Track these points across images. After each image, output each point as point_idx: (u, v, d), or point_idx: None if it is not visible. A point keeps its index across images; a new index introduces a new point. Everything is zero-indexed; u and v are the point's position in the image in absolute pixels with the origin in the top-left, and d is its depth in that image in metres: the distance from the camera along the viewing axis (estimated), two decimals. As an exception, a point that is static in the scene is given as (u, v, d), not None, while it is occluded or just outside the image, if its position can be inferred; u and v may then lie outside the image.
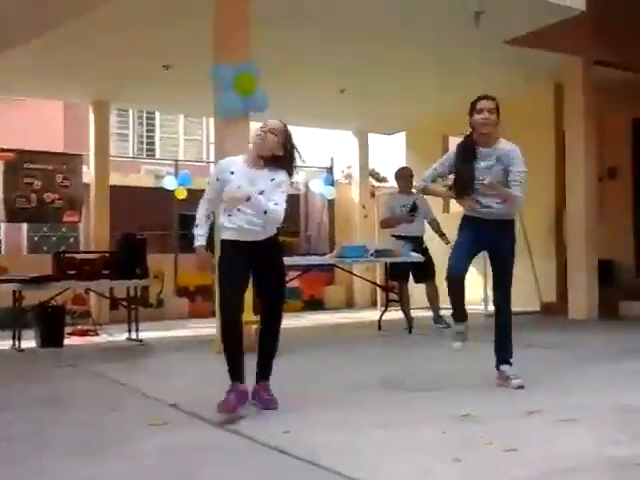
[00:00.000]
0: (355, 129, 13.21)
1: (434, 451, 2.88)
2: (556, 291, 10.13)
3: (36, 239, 13.31)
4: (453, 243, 4.43)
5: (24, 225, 12.80)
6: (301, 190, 13.61)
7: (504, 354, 4.22)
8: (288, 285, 10.65)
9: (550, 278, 10.21)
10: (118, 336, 7.86)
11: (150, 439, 3.18)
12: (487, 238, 4.20)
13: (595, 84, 9.01)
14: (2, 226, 12.67)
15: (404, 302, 7.96)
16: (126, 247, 7.78)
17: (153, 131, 17.68)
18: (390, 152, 13.81)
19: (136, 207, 11.40)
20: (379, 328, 8.11)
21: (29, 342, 7.19)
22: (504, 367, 4.19)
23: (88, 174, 10.98)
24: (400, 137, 13.33)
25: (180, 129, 18.04)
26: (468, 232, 4.27)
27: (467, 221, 4.30)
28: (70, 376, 5.41)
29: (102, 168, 10.88)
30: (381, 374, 4.76)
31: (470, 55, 8.69)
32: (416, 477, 2.54)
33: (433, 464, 2.68)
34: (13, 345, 7.05)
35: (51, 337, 7.27)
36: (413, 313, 7.91)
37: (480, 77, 9.48)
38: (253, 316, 6.46)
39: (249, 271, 3.78)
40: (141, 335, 7.53)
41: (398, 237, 8.02)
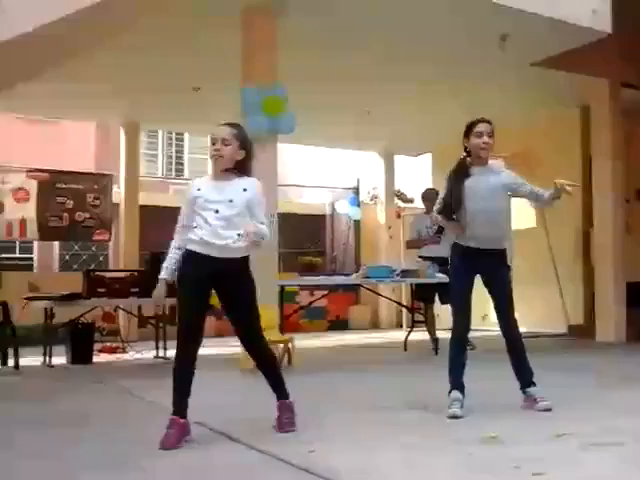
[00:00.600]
0: (381, 150, 13.28)
1: (460, 474, 2.86)
2: (584, 313, 10.04)
3: (67, 257, 13.52)
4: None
5: (56, 244, 13.03)
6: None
7: (525, 376, 4.19)
8: (314, 305, 10.79)
9: (577, 300, 10.13)
10: (146, 354, 7.96)
11: (175, 456, 3.22)
12: (481, 268, 4.15)
13: (622, 106, 8.99)
14: (35, 244, 12.90)
15: (430, 323, 7.96)
16: (154, 265, 7.86)
17: (182, 152, 17.92)
18: (416, 173, 13.82)
19: (165, 226, 11.49)
20: (405, 349, 8.11)
21: (60, 358, 7.32)
22: (530, 390, 4.17)
23: (118, 194, 11.18)
24: (426, 158, 13.37)
25: (208, 150, 18.23)
26: (462, 269, 4.20)
27: (459, 251, 4.23)
28: (98, 392, 5.49)
29: (132, 188, 11.08)
30: (407, 395, 4.75)
31: (496, 77, 8.75)
32: (439, 497, 2.55)
33: (457, 485, 2.67)
34: (44, 361, 7.18)
35: (81, 354, 7.41)
36: (439, 334, 7.89)
37: (507, 99, 9.55)
38: (278, 334, 6.55)
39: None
40: (168, 353, 7.60)
41: (424, 258, 8.03)
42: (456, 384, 4.11)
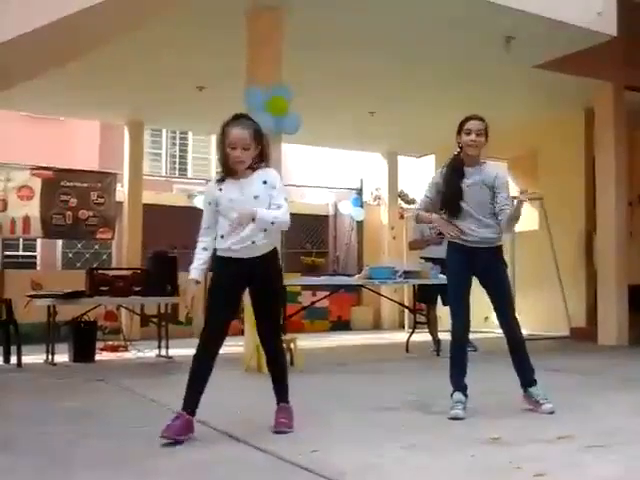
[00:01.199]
0: (385, 151, 13.30)
1: (462, 475, 2.88)
2: (586, 316, 10.04)
3: (70, 255, 13.54)
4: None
5: (59, 242, 13.05)
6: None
7: (526, 375, 4.18)
8: (316, 305, 10.78)
9: (580, 303, 10.12)
10: (148, 352, 7.97)
11: (177, 455, 3.23)
12: (476, 266, 4.14)
13: (626, 109, 9.00)
14: (39, 242, 12.93)
15: (432, 324, 7.96)
16: (157, 264, 7.90)
17: (186, 151, 17.95)
18: (419, 174, 13.82)
19: (168, 225, 11.55)
20: (407, 350, 8.11)
21: (62, 356, 7.34)
22: (531, 389, 4.16)
23: (122, 192, 11.20)
24: (429, 159, 13.37)
25: (212, 149, 18.28)
26: (457, 268, 4.21)
27: (454, 251, 4.24)
28: (100, 390, 5.50)
29: (136, 187, 11.09)
30: (409, 396, 4.76)
31: (500, 79, 8.75)
32: (441, 497, 2.56)
33: (459, 486, 2.68)
34: (47, 359, 7.19)
35: (83, 352, 7.42)
36: (440, 336, 7.89)
37: (511, 101, 9.56)
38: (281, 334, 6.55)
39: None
40: (171, 352, 7.62)
41: (427, 259, 8.03)
42: (458, 385, 4.11)
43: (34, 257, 13.34)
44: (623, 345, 8.64)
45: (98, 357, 7.65)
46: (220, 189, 3.65)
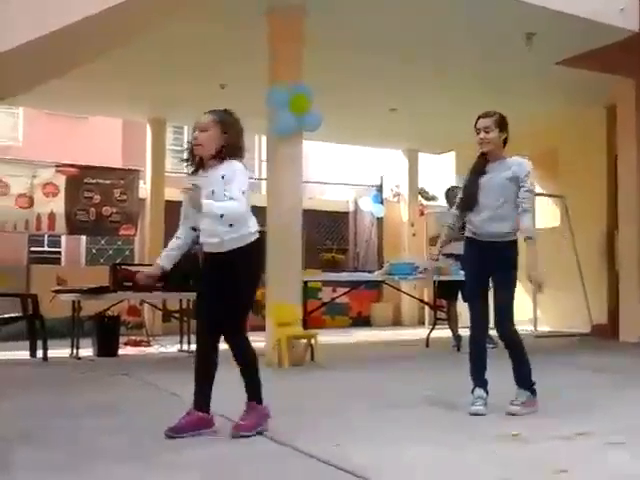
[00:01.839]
0: (405, 148, 13.30)
1: (483, 471, 2.89)
2: (607, 313, 9.98)
3: (94, 251, 13.70)
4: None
5: (83, 238, 13.21)
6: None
7: (515, 375, 4.15)
8: (337, 301, 10.75)
9: (601, 300, 10.07)
10: (170, 347, 8.07)
11: (198, 449, 3.27)
12: (487, 261, 4.14)
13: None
14: (63, 238, 13.10)
15: (452, 320, 7.97)
16: (179, 260, 7.95)
17: (207, 148, 18.03)
18: (440, 171, 13.81)
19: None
20: (427, 346, 8.13)
21: (86, 350, 7.45)
22: (517, 391, 4.11)
23: (144, 189, 11.32)
24: (450, 156, 13.35)
25: (233, 146, 18.34)
26: (470, 263, 4.26)
27: (467, 245, 4.29)
28: (124, 385, 5.58)
29: (158, 183, 11.21)
30: (429, 392, 4.77)
31: (521, 76, 8.72)
32: (461, 491, 2.58)
33: (480, 482, 2.69)
34: (71, 353, 7.31)
35: (107, 346, 7.54)
36: (461, 332, 7.90)
37: (531, 98, 9.51)
38: (302, 330, 6.61)
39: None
40: (192, 347, 7.69)
41: (447, 255, 8.03)
42: (478, 381, 4.13)
43: (59, 253, 13.51)
44: (645, 342, 8.58)
45: (121, 351, 7.76)
46: (193, 183, 3.59)
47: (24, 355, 7.26)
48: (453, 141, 12.25)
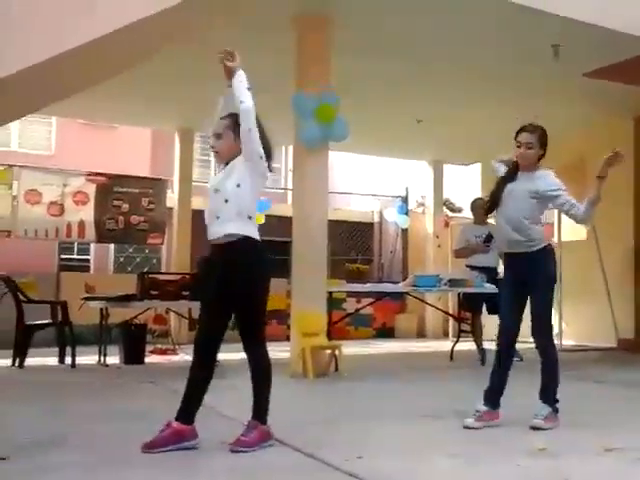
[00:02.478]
0: (430, 159, 13.28)
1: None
2: (634, 327, 9.87)
3: (122, 259, 13.87)
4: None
5: (111, 246, 13.38)
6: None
7: (541, 387, 4.14)
8: (361, 312, 10.76)
9: (628, 315, 9.95)
10: (195, 356, 8.11)
11: (223, 458, 3.29)
12: (520, 273, 4.12)
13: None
14: (92, 246, 13.28)
15: (477, 333, 7.94)
16: (205, 269, 8.02)
17: (234, 157, 18.15)
18: (465, 183, 13.77)
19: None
20: (451, 358, 8.11)
21: (113, 358, 7.54)
22: (538, 405, 4.10)
23: (172, 198, 11.44)
24: (475, 168, 13.31)
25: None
26: (506, 278, 4.26)
27: (505, 261, 4.32)
28: (150, 392, 5.64)
29: (185, 193, 11.32)
30: (454, 405, 4.76)
31: (549, 87, 8.69)
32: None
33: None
34: (99, 360, 7.41)
35: (134, 354, 7.62)
36: (485, 345, 7.86)
37: (559, 109, 9.46)
38: (327, 340, 6.63)
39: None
40: (218, 356, 7.74)
41: (472, 267, 8.02)
42: (486, 395, 4.11)
43: (88, 260, 13.70)
44: (673, 358, 8.48)
45: (147, 359, 7.84)
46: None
47: (53, 361, 7.37)
48: (479, 153, 12.21)
